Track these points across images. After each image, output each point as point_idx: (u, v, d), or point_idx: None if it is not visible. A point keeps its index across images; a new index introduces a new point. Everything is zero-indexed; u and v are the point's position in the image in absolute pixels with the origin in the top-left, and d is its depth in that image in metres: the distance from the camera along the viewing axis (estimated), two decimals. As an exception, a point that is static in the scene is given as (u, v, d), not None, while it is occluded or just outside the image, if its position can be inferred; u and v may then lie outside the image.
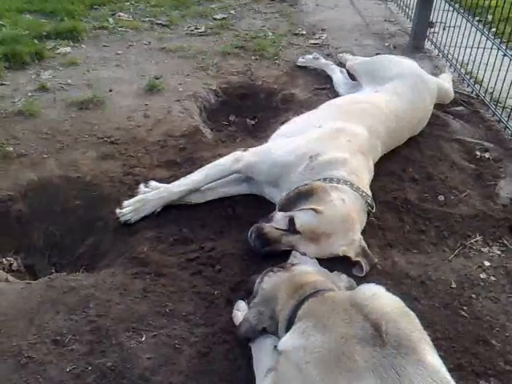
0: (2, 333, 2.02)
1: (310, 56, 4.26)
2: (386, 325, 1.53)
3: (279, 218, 2.36)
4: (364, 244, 2.38)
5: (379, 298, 1.66)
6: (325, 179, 2.44)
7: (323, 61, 4.18)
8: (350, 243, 2.32)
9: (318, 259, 2.26)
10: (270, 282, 1.98)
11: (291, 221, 2.29)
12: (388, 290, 1.72)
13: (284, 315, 1.82)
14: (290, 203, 2.32)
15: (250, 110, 3.88)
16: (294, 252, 2.28)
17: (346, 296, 1.71)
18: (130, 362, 1.94)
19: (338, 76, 3.90)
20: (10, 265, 2.60)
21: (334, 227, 2.29)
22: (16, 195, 2.79)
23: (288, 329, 1.75)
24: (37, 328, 2.05)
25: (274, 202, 2.66)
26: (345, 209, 2.33)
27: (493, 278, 2.41)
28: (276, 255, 2.31)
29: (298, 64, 4.26)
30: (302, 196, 2.31)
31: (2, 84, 3.84)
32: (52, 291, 2.22)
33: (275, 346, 1.80)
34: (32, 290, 2.24)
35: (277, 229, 2.33)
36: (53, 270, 2.66)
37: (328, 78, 4.01)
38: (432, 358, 1.52)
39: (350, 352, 1.49)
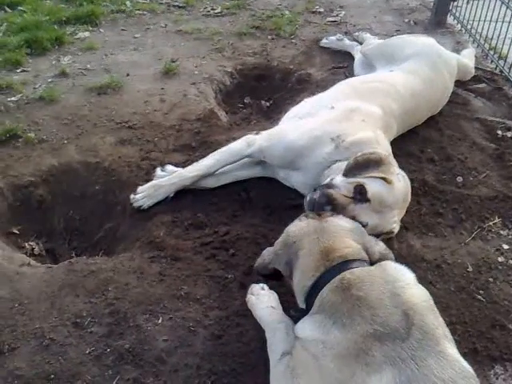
0: (26, 315, 2.10)
1: (334, 37, 4.15)
2: (413, 316, 1.52)
3: (341, 184, 2.18)
4: None
5: (411, 287, 1.63)
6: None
7: (347, 42, 4.07)
8: (399, 223, 2.26)
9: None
10: (296, 226, 1.88)
11: (362, 188, 2.12)
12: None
13: (305, 283, 1.74)
14: (356, 168, 2.18)
15: (265, 92, 3.85)
16: None
17: (378, 282, 1.62)
18: (146, 343, 2.00)
19: (358, 56, 3.79)
20: (32, 249, 2.67)
21: (397, 202, 2.18)
22: (37, 181, 2.85)
23: (306, 301, 1.75)
24: (58, 311, 2.11)
25: (290, 186, 2.66)
26: (407, 186, 2.26)
27: (511, 262, 2.37)
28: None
29: (322, 45, 4.16)
30: (371, 163, 2.18)
31: (24, 71, 3.89)
32: (72, 275, 2.28)
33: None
34: (53, 273, 2.31)
35: (344, 196, 2.15)
36: (73, 254, 2.73)
37: (345, 57, 3.94)
38: (453, 351, 1.51)
39: (368, 348, 1.49)
